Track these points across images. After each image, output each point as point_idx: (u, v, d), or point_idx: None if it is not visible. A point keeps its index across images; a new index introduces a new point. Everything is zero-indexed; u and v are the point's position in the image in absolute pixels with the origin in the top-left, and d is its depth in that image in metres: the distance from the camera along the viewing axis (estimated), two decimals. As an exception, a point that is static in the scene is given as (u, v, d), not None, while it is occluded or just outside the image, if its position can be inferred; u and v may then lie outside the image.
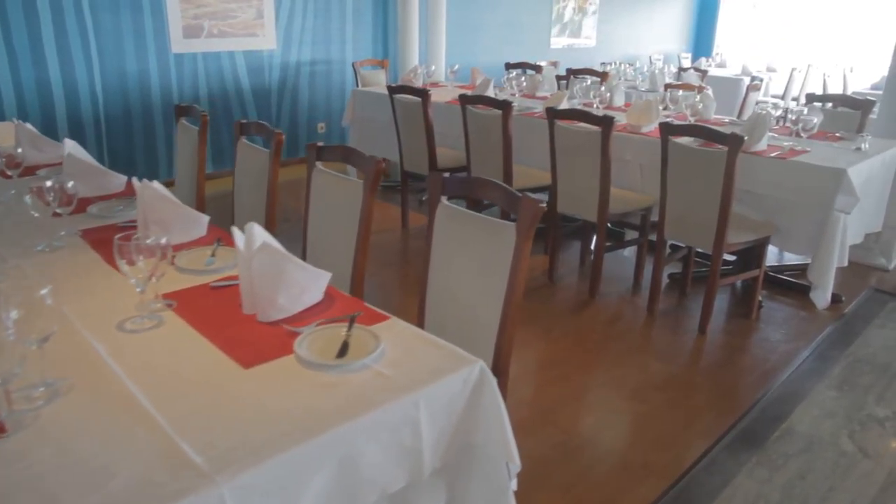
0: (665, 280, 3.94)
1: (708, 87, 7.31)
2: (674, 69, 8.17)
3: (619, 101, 4.89)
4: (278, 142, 2.75)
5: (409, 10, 6.69)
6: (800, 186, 3.23)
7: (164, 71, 5.46)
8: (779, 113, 3.93)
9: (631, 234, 4.26)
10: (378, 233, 4.72)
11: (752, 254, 3.47)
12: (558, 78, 6.61)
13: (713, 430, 2.58)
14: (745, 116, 4.97)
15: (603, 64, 7.76)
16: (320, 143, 2.54)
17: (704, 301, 3.30)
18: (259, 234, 1.50)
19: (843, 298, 3.75)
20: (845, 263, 3.24)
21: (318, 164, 2.54)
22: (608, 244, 4.37)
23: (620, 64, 7.43)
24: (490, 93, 4.67)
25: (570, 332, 3.38)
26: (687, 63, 9.83)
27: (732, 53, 10.62)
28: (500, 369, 1.93)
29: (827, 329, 3.42)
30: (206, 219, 2.11)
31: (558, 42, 9.23)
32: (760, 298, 3.65)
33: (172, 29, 5.40)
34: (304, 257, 2.58)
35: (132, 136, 5.41)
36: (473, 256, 2.00)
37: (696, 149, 3.12)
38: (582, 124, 3.46)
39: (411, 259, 4.36)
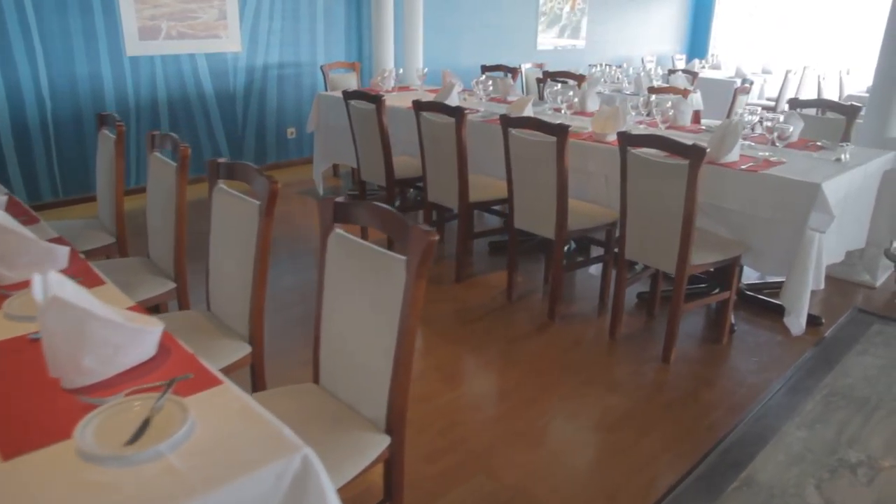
0: (634, 300, 3.68)
1: (696, 90, 7.05)
2: (662, 72, 7.89)
3: (593, 106, 4.61)
4: (184, 156, 2.49)
5: (383, 10, 6.43)
6: (771, 202, 2.95)
7: (119, 75, 5.21)
8: (756, 119, 3.65)
9: (599, 250, 3.99)
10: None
11: (725, 273, 3.19)
12: (539, 81, 6.35)
13: (665, 478, 2.31)
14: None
15: (591, 66, 7.47)
16: (222, 160, 2.28)
17: (667, 329, 3.02)
18: (56, 282, 1.23)
19: (823, 321, 3.47)
20: (821, 286, 2.96)
21: (221, 183, 2.28)
22: (577, 260, 4.11)
23: (605, 66, 7.14)
24: (454, 98, 4.41)
25: (523, 359, 3.11)
26: (681, 65, 9.55)
27: (728, 55, 10.33)
28: (393, 426, 1.66)
29: (803, 356, 3.13)
30: (65, 251, 1.84)
31: (548, 43, 8.95)
32: (733, 322, 3.38)
33: (127, 30, 5.15)
34: (206, 290, 2.32)
35: (84, 144, 5.16)
36: (365, 294, 1.73)
37: (656, 161, 2.85)
38: (538, 133, 3.19)
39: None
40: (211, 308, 2.30)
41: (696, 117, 7.06)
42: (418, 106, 3.75)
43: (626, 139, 2.91)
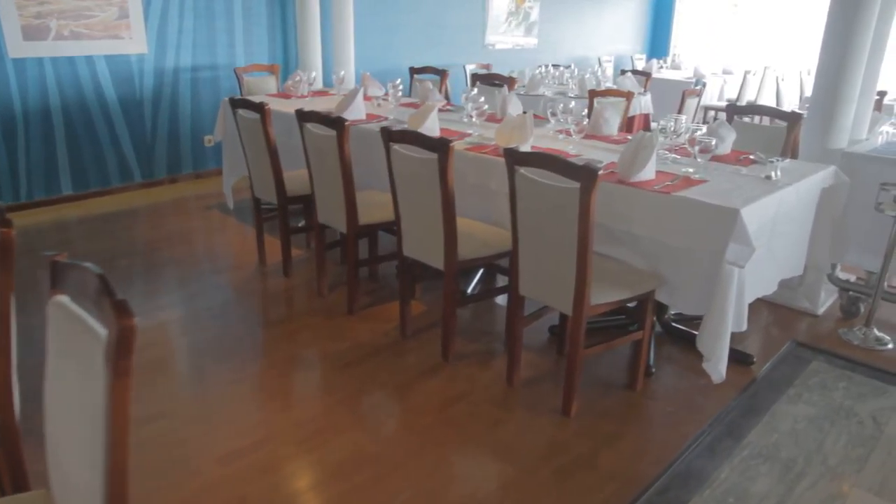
0: (545, 335, 3.25)
1: (647, 92, 6.65)
2: (610, 73, 7.50)
3: (518, 112, 4.17)
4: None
5: (307, 7, 5.97)
6: (683, 229, 2.53)
7: (1, 78, 4.71)
8: (684, 128, 3.23)
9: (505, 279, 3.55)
10: (227, 270, 3.99)
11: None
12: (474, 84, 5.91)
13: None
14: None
15: (545, 66, 7.04)
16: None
17: (566, 379, 2.59)
18: None
19: (755, 359, 3.06)
20: (743, 328, 2.54)
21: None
22: (481, 290, 3.68)
23: (549, 67, 6.73)
24: (359, 105, 3.96)
25: (400, 411, 2.67)
26: (641, 65, 9.17)
27: (689, 55, 9.97)
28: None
29: (726, 406, 2.72)
30: None
31: (500, 42, 8.52)
32: (651, 363, 2.96)
33: (8, 30, 4.65)
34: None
35: (-41, 156, 4.66)
36: (73, 385, 1.28)
37: (545, 184, 2.41)
38: (419, 149, 2.75)
39: (232, 311, 3.63)
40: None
41: (646, 121, 6.67)
42: (301, 116, 3.29)
43: (513, 156, 2.48)
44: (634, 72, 7.21)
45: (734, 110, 3.84)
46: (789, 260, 2.97)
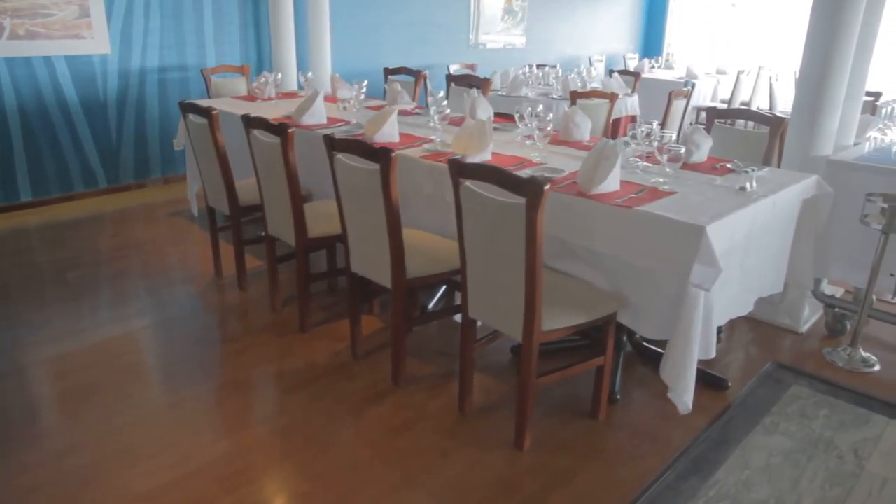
0: (507, 356, 3.04)
1: (635, 93, 6.43)
2: (599, 73, 7.28)
3: (486, 116, 3.96)
4: None
5: (281, 7, 5.76)
6: (645, 247, 2.32)
7: (-49, 81, 4.52)
8: (654, 135, 3.01)
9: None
10: (181, 283, 3.78)
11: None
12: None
13: None
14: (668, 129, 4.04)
15: (529, 67, 6.83)
16: None
17: (517, 412, 2.38)
18: None
19: (730, 384, 2.84)
20: (711, 356, 2.33)
21: None
22: (440, 309, 3.47)
23: (533, 67, 6.51)
24: (319, 109, 3.75)
25: (339, 443, 2.45)
26: (634, 64, 8.94)
27: (684, 55, 9.74)
28: None
29: (694, 438, 2.50)
30: None
31: (493, 42, 8.31)
32: (616, 389, 2.75)
33: (-42, 30, 4.45)
34: None
35: None
36: None
37: (491, 198, 2.20)
38: (362, 159, 2.54)
39: (178, 329, 3.42)
40: None
41: (633, 122, 6.44)
42: (247, 122, 3.09)
43: (457, 168, 2.26)
44: (623, 72, 7.00)
45: (715, 114, 3.62)
46: (767, 277, 2.75)
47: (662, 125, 5.67)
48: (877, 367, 3.01)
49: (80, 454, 2.35)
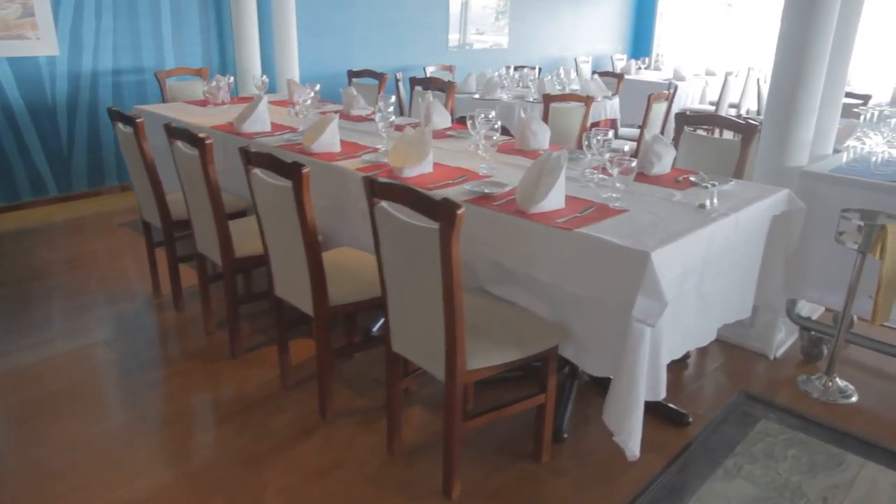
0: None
1: (616, 95, 6.17)
2: (582, 74, 7.02)
3: (444, 123, 3.72)
4: None
5: (243, 7, 5.50)
6: (585, 275, 2.07)
7: None
8: (616, 144, 2.77)
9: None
10: (116, 302, 3.53)
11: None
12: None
13: None
14: (649, 134, 3.79)
15: (507, 68, 6.57)
16: None
17: (444, 458, 2.12)
18: None
19: (691, 419, 2.59)
20: (661, 396, 2.08)
21: None
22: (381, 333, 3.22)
23: (510, 69, 6.26)
24: (261, 115, 3.50)
25: (253, 488, 2.20)
26: (622, 65, 8.68)
27: (673, 55, 9.49)
28: None
29: (647, 483, 2.25)
30: None
31: (479, 43, 8.06)
32: (563, 427, 2.49)
33: None
34: None
35: None
36: None
37: (406, 222, 1.95)
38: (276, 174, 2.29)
39: (103, 354, 3.16)
40: None
41: (612, 127, 6.19)
42: (170, 132, 2.84)
43: (371, 187, 2.01)
44: (606, 73, 6.75)
45: (684, 120, 3.36)
46: (731, 303, 2.50)
47: (642, 130, 5.42)
48: (854, 398, 2.76)
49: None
